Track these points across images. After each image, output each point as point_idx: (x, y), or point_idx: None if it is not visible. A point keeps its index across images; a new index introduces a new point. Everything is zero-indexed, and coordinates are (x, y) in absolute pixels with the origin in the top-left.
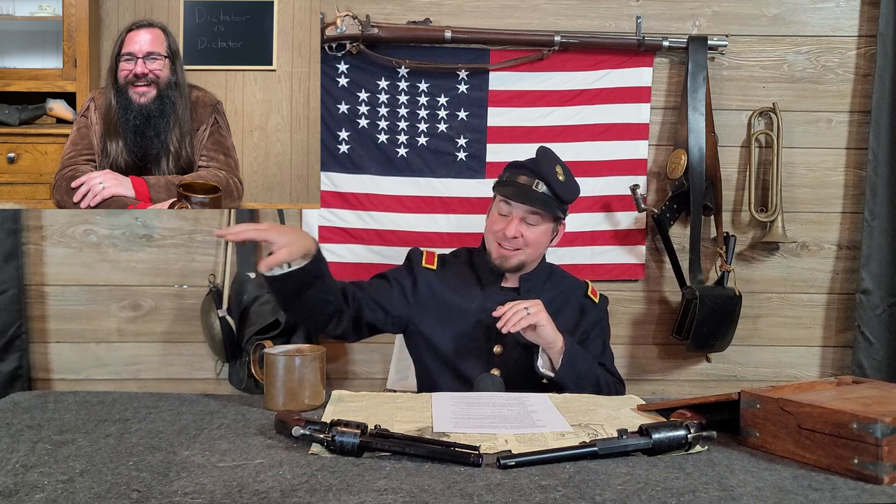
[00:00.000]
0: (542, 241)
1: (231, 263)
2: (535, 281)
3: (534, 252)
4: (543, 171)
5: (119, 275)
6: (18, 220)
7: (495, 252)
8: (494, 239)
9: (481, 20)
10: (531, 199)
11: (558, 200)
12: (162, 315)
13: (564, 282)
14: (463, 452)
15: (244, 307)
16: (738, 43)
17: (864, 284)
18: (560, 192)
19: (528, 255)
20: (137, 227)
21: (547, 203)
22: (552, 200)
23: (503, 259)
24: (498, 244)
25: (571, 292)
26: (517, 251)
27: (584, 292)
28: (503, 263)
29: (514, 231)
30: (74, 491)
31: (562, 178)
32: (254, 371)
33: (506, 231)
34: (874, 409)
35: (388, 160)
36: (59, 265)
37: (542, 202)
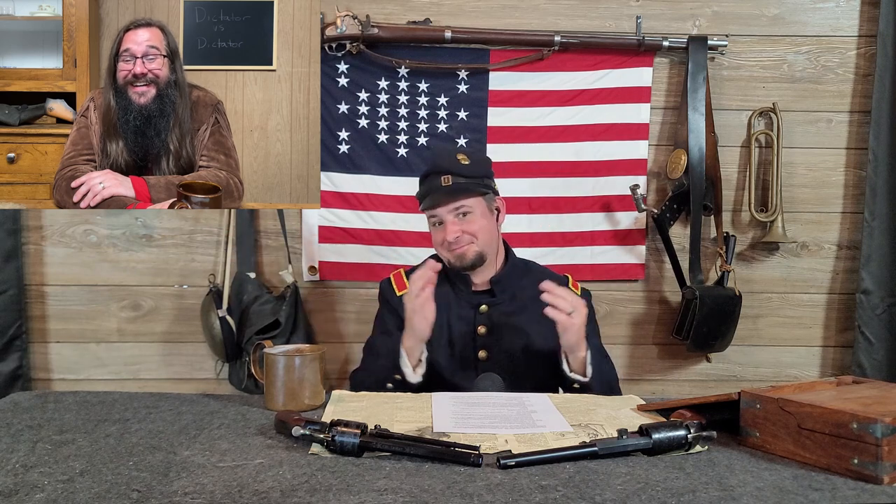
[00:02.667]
0: (487, 227)
1: (231, 263)
2: (508, 281)
3: (487, 240)
4: (444, 165)
5: (119, 275)
6: (18, 220)
7: (451, 258)
8: (444, 250)
9: (481, 20)
10: (445, 196)
11: (472, 179)
12: (162, 315)
13: (542, 277)
14: (463, 452)
15: (244, 307)
16: (738, 43)
17: (864, 284)
18: (467, 172)
19: (481, 245)
20: (137, 227)
21: (461, 188)
22: (465, 184)
23: (461, 258)
24: (447, 251)
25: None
26: (469, 245)
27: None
28: (463, 261)
29: (452, 234)
30: (74, 491)
31: (466, 162)
32: (254, 371)
33: (446, 238)
34: (874, 409)
35: (388, 160)
36: (59, 265)
37: (455, 192)
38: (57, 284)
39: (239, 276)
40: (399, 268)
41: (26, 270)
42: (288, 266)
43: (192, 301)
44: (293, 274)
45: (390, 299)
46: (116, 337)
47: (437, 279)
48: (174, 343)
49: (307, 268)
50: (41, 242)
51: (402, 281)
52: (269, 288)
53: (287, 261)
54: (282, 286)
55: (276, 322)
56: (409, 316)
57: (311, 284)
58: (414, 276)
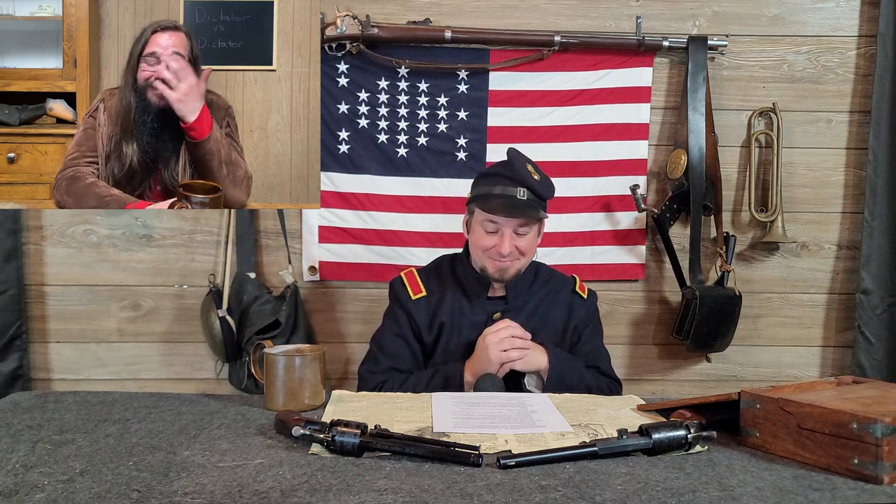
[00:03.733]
0: (534, 246)
1: (231, 263)
2: (521, 286)
3: (529, 258)
4: (521, 175)
5: (119, 275)
6: (18, 220)
7: (491, 267)
8: (487, 256)
9: (481, 20)
10: (520, 211)
11: (539, 200)
12: (162, 315)
13: (551, 280)
14: (463, 452)
15: (244, 307)
16: (738, 43)
17: (864, 284)
18: (540, 191)
19: (524, 263)
20: (137, 227)
21: (533, 208)
22: (536, 203)
23: (502, 272)
24: (492, 259)
25: (559, 291)
26: (515, 261)
27: (572, 288)
28: (503, 276)
29: (508, 247)
30: (74, 491)
31: (537, 178)
32: (254, 371)
33: (501, 249)
34: (874, 409)
35: (388, 160)
36: (59, 265)
37: (530, 210)
38: (57, 284)
39: (239, 276)
40: (408, 267)
41: (26, 270)
42: (288, 266)
43: (192, 301)
44: (293, 274)
45: (405, 301)
46: (116, 337)
47: (448, 281)
48: (174, 343)
49: (307, 268)
50: (41, 242)
51: (416, 283)
52: (269, 288)
53: (287, 261)
54: (282, 286)
55: (276, 322)
56: (483, 349)
57: (311, 284)
58: (510, 322)
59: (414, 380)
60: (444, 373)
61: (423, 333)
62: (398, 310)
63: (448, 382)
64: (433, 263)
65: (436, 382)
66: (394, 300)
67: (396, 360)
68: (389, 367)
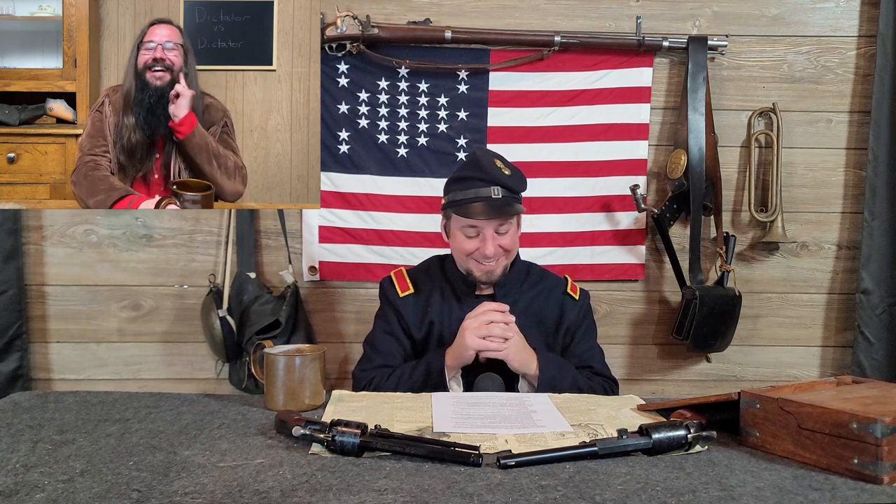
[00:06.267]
0: (517, 241)
1: (231, 263)
2: (511, 285)
3: (513, 254)
4: (493, 175)
5: (119, 275)
6: (18, 220)
7: (478, 271)
8: (472, 259)
9: (481, 20)
10: (499, 211)
11: (514, 194)
12: (162, 315)
13: (543, 280)
14: (463, 452)
15: (244, 307)
16: (738, 43)
17: (864, 284)
18: (514, 186)
19: (509, 259)
20: (137, 227)
21: (510, 205)
22: (512, 199)
23: (489, 274)
24: (477, 262)
25: (550, 290)
26: (499, 260)
27: (564, 289)
28: (491, 277)
29: (492, 249)
30: (74, 491)
31: (508, 173)
32: (254, 371)
33: (485, 252)
34: (874, 409)
35: (388, 160)
36: (59, 265)
37: (508, 209)
38: (57, 284)
39: (239, 276)
40: (399, 267)
41: (26, 270)
42: (288, 266)
43: (192, 301)
44: (293, 274)
45: (393, 299)
46: (117, 337)
47: (437, 280)
48: (174, 343)
49: (307, 268)
50: (41, 242)
51: (404, 281)
52: (269, 288)
53: (287, 261)
54: (282, 286)
55: (277, 322)
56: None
57: (311, 284)
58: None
59: (399, 371)
60: (426, 360)
61: (412, 330)
62: (387, 308)
63: (430, 370)
64: (423, 263)
65: (419, 371)
66: (383, 299)
67: (388, 358)
68: (381, 364)
